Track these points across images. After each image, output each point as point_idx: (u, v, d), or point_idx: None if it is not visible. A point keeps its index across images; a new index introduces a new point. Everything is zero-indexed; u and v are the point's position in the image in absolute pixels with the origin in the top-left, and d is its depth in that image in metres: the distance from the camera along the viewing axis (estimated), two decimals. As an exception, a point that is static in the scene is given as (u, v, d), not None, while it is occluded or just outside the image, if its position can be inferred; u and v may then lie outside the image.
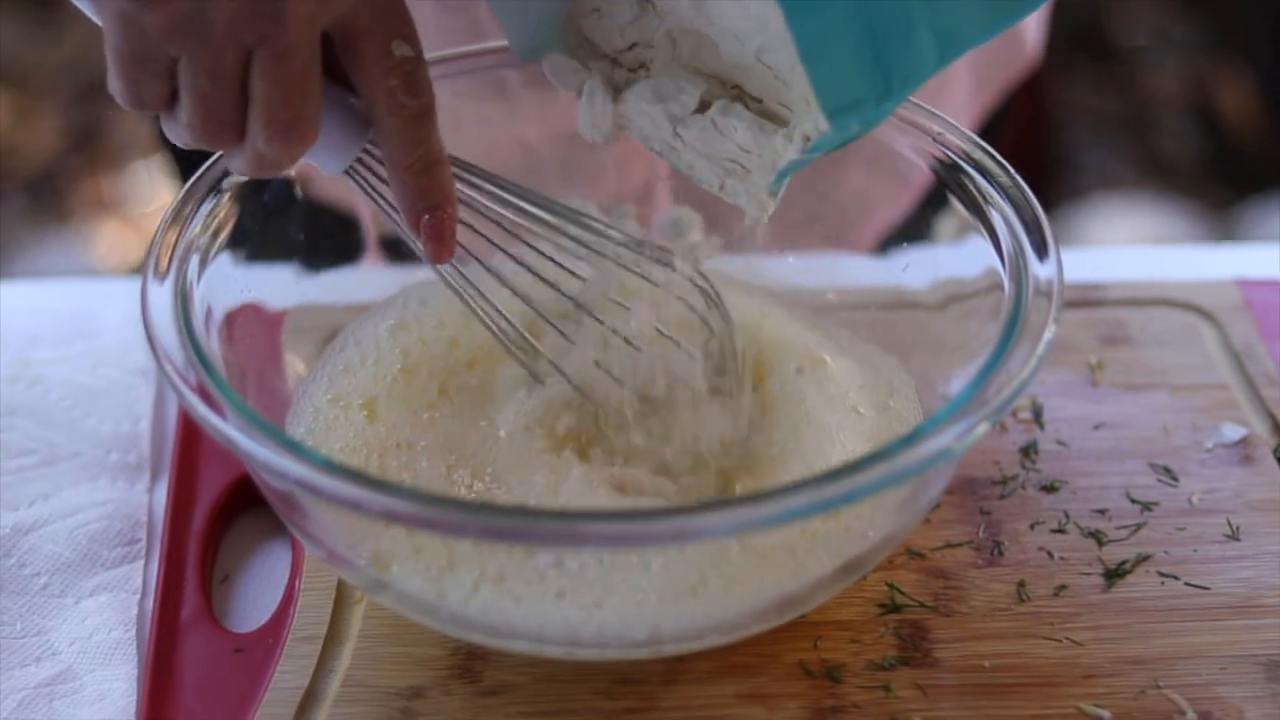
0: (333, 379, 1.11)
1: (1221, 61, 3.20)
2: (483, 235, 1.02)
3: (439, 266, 1.01)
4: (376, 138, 0.96)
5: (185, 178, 1.60)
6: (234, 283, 1.06)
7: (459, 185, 0.99)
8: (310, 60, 0.89)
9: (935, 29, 0.92)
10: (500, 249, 1.04)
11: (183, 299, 0.99)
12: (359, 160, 0.98)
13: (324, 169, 0.98)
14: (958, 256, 1.08)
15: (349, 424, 1.08)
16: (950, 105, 1.10)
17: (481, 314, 1.05)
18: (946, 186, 1.09)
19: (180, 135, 0.91)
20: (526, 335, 1.07)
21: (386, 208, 0.99)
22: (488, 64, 1.15)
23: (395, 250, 1.19)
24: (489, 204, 1.02)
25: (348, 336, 1.14)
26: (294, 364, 1.12)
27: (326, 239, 1.14)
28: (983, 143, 1.09)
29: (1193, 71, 3.20)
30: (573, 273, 1.06)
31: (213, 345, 1.00)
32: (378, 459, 1.06)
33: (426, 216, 0.97)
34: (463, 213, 0.99)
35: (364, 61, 0.93)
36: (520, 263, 1.04)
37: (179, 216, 1.03)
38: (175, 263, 1.01)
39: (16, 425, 1.19)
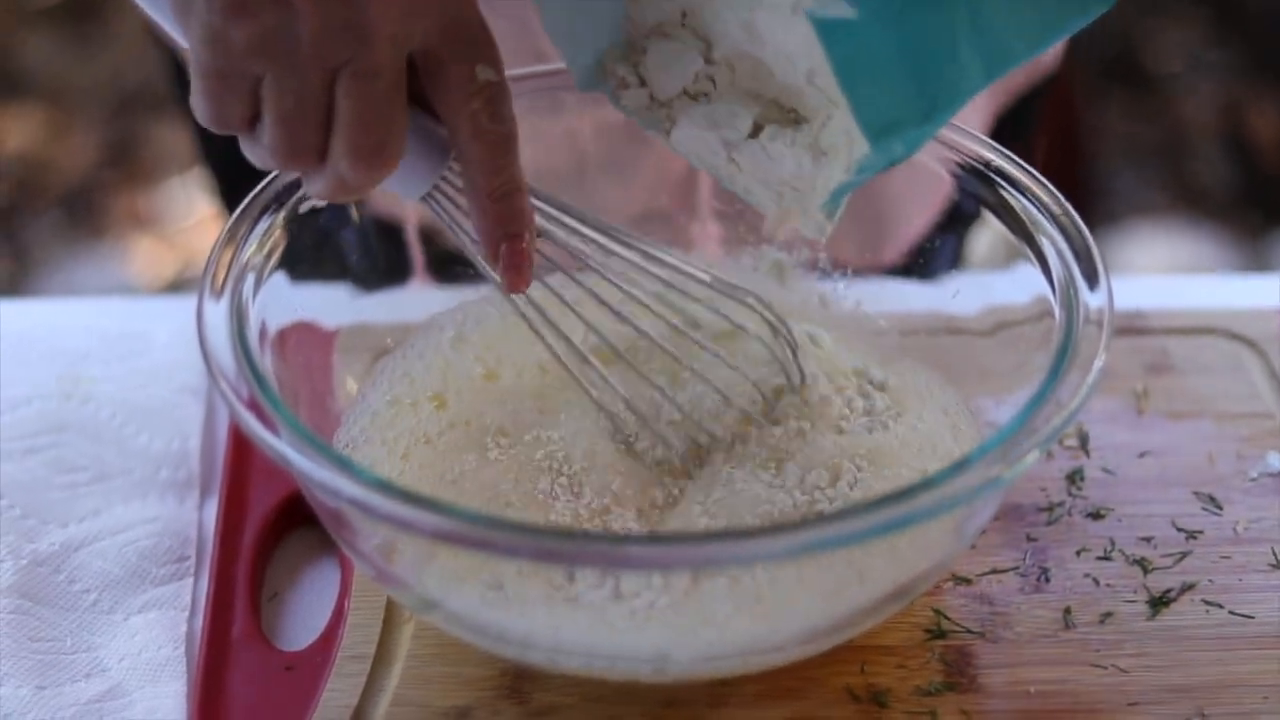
0: (391, 384, 1.12)
1: (1255, 88, 3.20)
2: (555, 263, 1.02)
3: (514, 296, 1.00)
4: (458, 164, 0.95)
5: (223, 194, 1.63)
6: (288, 301, 1.06)
7: (537, 217, 0.99)
8: (396, 83, 0.89)
9: (980, 45, 0.91)
10: (573, 279, 1.03)
11: (238, 317, 1.00)
12: (436, 187, 0.97)
13: (403, 195, 0.97)
14: (1008, 283, 1.08)
15: (415, 415, 1.09)
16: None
17: (550, 343, 1.05)
18: (993, 211, 1.09)
19: (260, 156, 0.91)
20: (598, 366, 1.06)
21: (464, 236, 0.98)
22: (547, 85, 1.15)
23: (443, 271, 1.19)
24: (566, 236, 1.02)
25: (408, 349, 1.15)
26: (345, 382, 1.13)
27: (379, 259, 1.14)
28: (1029, 167, 1.09)
29: (1226, 98, 3.20)
30: (646, 305, 1.06)
31: (266, 363, 1.00)
32: (435, 437, 1.07)
33: (505, 245, 0.96)
34: (538, 242, 0.99)
35: (448, 86, 0.92)
36: (592, 293, 1.04)
37: (234, 235, 1.04)
38: (231, 281, 1.01)
39: (67, 442, 1.20)
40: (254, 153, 0.91)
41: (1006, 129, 1.45)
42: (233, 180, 1.01)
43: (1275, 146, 3.10)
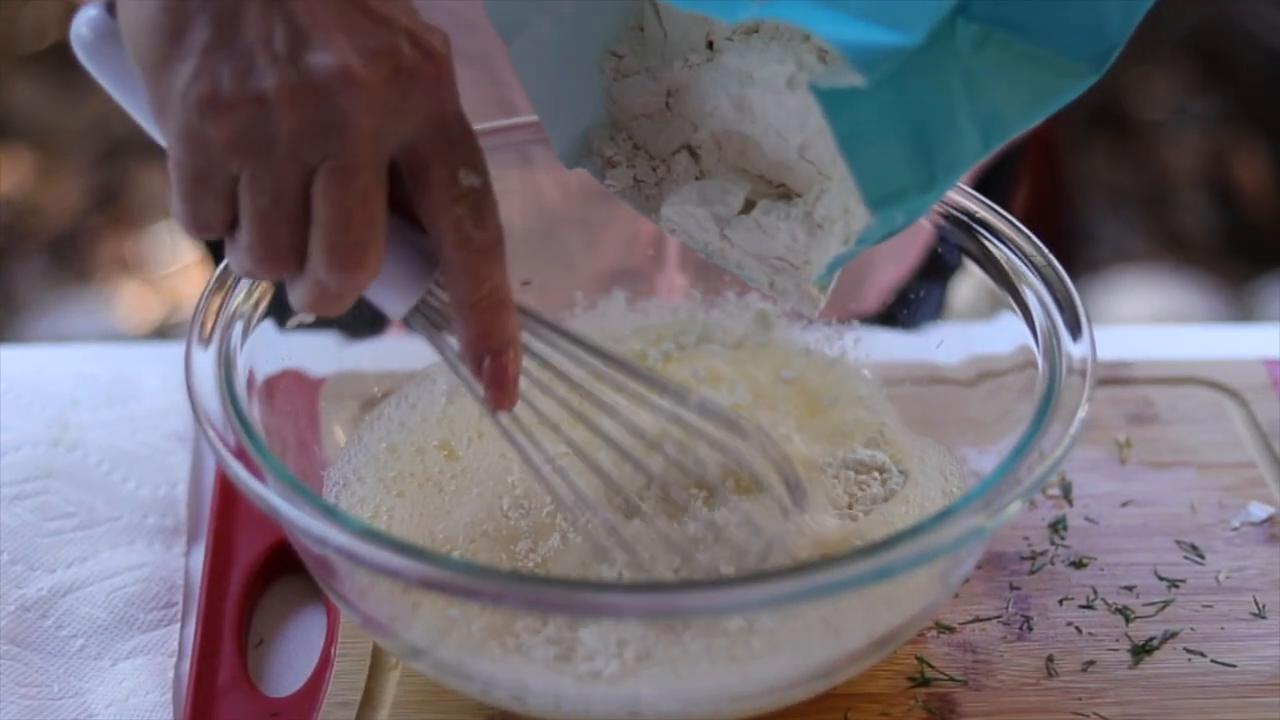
0: (388, 431, 1.13)
1: (1239, 136, 3.21)
2: (544, 385, 0.99)
3: (498, 415, 0.97)
4: (442, 275, 0.92)
5: (210, 239, 1.62)
6: (276, 349, 1.07)
7: (525, 334, 0.96)
8: (375, 182, 0.87)
9: (977, 116, 0.91)
10: (564, 403, 1.00)
11: (226, 365, 1.00)
12: (424, 302, 0.95)
13: (388, 312, 0.95)
14: (991, 333, 1.09)
15: (421, 461, 1.11)
16: None
17: (539, 468, 1.00)
18: (976, 261, 1.10)
19: (241, 261, 0.89)
20: (587, 494, 1.01)
21: (451, 356, 0.96)
22: (518, 139, 1.16)
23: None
24: (552, 353, 0.99)
25: (400, 399, 1.16)
26: (332, 430, 1.13)
27: (366, 307, 1.15)
28: (1011, 217, 1.10)
29: (1210, 146, 3.21)
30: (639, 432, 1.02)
31: (254, 411, 1.01)
32: (446, 482, 1.09)
33: (488, 360, 0.93)
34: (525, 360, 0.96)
35: (431, 190, 0.90)
36: (584, 420, 1.00)
37: (223, 284, 1.04)
38: (219, 329, 1.02)
39: (55, 488, 1.20)
40: (235, 257, 0.89)
41: (989, 176, 1.46)
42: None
43: (1259, 195, 3.12)
